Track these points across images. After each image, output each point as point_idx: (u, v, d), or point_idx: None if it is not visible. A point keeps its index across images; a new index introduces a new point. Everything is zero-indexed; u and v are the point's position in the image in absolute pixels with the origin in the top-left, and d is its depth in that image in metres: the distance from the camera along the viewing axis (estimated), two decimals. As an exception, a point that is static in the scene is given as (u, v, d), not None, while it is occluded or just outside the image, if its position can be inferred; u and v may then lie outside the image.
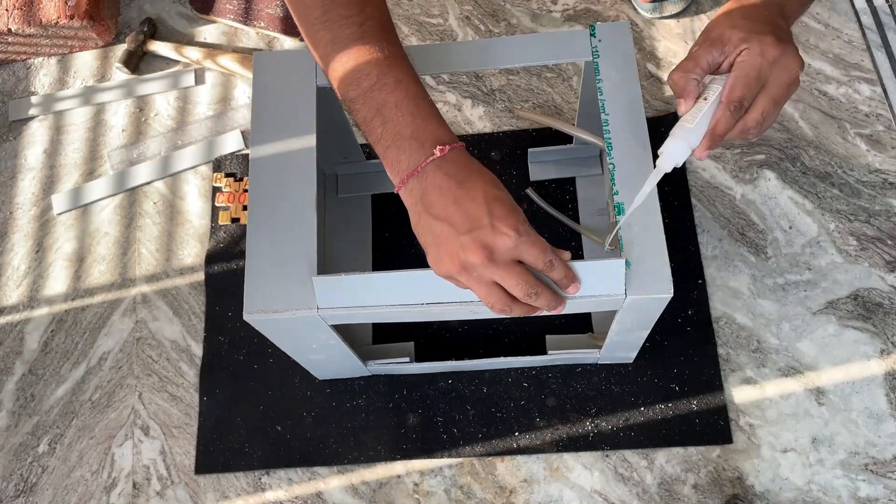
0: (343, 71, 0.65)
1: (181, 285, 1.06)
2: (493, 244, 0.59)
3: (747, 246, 0.99)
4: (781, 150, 1.04)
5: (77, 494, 0.97)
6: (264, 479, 0.95)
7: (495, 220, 0.59)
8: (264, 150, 0.75)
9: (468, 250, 0.59)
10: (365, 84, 0.64)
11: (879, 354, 0.92)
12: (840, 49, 1.09)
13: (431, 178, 0.61)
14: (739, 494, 0.88)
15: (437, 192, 0.61)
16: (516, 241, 0.59)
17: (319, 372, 0.94)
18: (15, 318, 1.07)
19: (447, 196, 0.60)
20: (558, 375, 0.95)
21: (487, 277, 0.61)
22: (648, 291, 0.67)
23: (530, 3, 1.18)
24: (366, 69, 0.64)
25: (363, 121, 0.65)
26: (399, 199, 0.90)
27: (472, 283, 0.62)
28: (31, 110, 1.20)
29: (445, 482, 0.93)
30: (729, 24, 0.64)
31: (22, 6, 1.18)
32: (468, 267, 0.60)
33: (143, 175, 1.13)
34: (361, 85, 0.65)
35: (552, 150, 1.03)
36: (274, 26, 1.20)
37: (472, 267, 0.60)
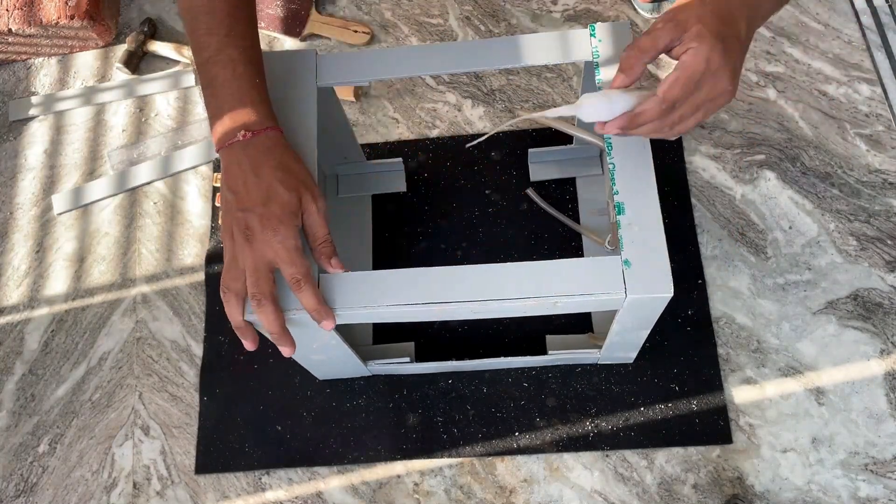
0: (192, 40, 0.72)
1: (181, 285, 1.06)
2: (255, 229, 0.67)
3: (747, 246, 0.99)
4: (781, 150, 1.04)
5: (77, 494, 0.97)
6: (264, 479, 0.95)
7: (266, 211, 0.67)
8: (264, 150, 0.75)
9: (237, 224, 0.68)
10: (204, 55, 0.71)
11: (879, 354, 0.92)
12: (840, 49, 1.09)
13: (235, 156, 0.69)
14: (739, 494, 0.88)
15: (237, 168, 0.69)
16: (273, 238, 0.66)
17: (320, 372, 0.94)
18: (15, 318, 1.07)
19: (241, 175, 0.68)
20: (558, 375, 0.95)
21: (241, 260, 0.67)
22: (648, 291, 0.67)
23: (530, 3, 1.18)
24: (208, 42, 0.71)
25: (201, 86, 0.72)
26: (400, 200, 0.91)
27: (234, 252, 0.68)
28: (32, 110, 1.20)
29: (445, 482, 0.93)
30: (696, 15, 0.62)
31: (22, 6, 1.18)
32: (234, 238, 0.68)
33: (143, 175, 1.13)
34: (202, 55, 0.71)
35: (552, 151, 1.03)
36: (274, 26, 1.20)
37: (235, 240, 0.68)
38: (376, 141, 1.11)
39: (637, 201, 0.70)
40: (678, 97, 0.61)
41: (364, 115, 1.13)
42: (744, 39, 0.62)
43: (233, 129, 0.69)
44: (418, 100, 1.13)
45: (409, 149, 1.09)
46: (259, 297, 0.66)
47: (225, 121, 0.70)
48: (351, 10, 1.21)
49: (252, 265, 0.67)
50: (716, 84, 0.60)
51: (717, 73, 0.60)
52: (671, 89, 0.61)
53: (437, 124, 1.11)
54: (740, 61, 0.62)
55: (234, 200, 0.68)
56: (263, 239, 0.66)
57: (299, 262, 0.67)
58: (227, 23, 0.71)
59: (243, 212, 0.67)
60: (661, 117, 0.62)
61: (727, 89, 0.61)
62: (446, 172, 1.07)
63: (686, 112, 0.62)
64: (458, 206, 1.05)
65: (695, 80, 0.60)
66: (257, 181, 0.68)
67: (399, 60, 0.79)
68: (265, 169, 0.68)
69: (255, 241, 0.66)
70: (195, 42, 0.72)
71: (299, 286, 0.67)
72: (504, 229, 1.02)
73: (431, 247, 1.02)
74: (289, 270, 0.67)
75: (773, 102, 1.07)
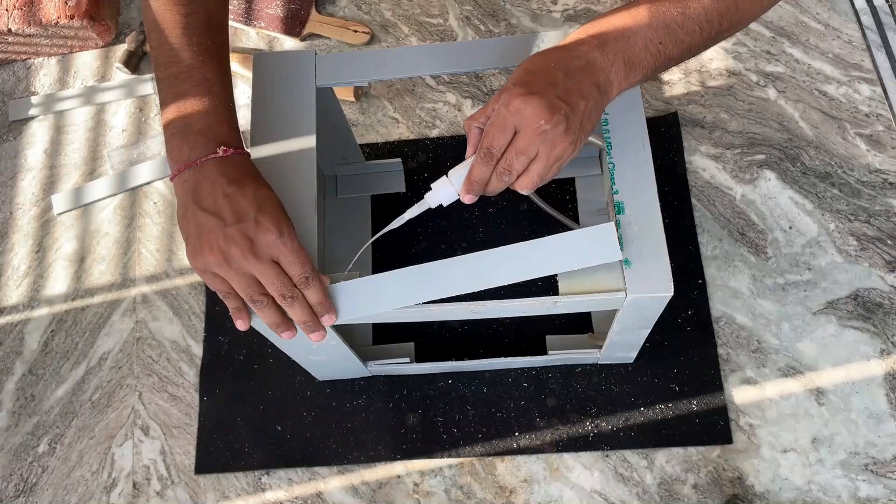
0: (157, 51, 0.69)
1: (181, 285, 1.06)
2: (256, 237, 0.63)
3: (747, 246, 0.99)
4: (781, 150, 1.04)
5: (77, 494, 0.97)
6: (264, 479, 0.95)
7: (261, 215, 0.63)
8: (264, 151, 0.75)
9: (231, 241, 0.63)
10: (173, 69, 0.68)
11: (879, 354, 0.92)
12: (840, 49, 1.09)
13: (207, 173, 0.65)
14: (739, 494, 0.88)
15: (210, 186, 0.64)
16: (277, 240, 0.63)
17: (320, 373, 0.94)
18: (15, 318, 1.07)
19: (218, 190, 0.64)
20: (558, 375, 0.95)
21: (246, 269, 0.64)
22: (649, 290, 0.67)
23: (530, 3, 1.18)
24: (177, 56, 0.68)
25: (162, 102, 0.69)
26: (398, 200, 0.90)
27: (230, 276, 0.64)
28: (32, 110, 1.20)
29: (445, 482, 0.93)
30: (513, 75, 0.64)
31: (22, 6, 1.18)
32: (229, 258, 0.63)
33: (143, 175, 1.13)
34: (170, 69, 0.68)
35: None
36: (274, 26, 1.20)
37: (233, 258, 0.63)
38: (376, 141, 1.11)
39: (637, 201, 0.70)
40: (492, 143, 0.62)
41: (364, 115, 1.13)
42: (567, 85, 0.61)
43: (207, 146, 0.66)
44: (418, 100, 1.13)
45: (409, 149, 1.09)
46: (290, 294, 0.65)
47: (195, 138, 0.66)
48: (351, 10, 1.21)
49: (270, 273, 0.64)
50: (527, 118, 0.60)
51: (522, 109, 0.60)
52: (484, 137, 0.63)
53: (437, 124, 1.11)
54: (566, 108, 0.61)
55: (214, 220, 0.64)
56: (266, 242, 0.64)
57: (305, 259, 0.65)
58: (201, 42, 0.69)
59: (236, 224, 0.64)
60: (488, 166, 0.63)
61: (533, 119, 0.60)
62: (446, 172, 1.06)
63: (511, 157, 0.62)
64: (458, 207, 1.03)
65: (500, 126, 0.62)
66: (242, 191, 0.65)
67: (398, 61, 0.79)
68: (247, 179, 0.66)
69: (259, 250, 0.64)
70: (163, 55, 0.68)
71: (307, 283, 0.66)
72: (504, 229, 1.02)
73: (431, 247, 1.02)
74: (295, 270, 0.65)
75: (773, 102, 1.07)
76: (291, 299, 0.66)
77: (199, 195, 0.65)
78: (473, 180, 0.65)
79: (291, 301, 0.66)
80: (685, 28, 0.64)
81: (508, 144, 0.62)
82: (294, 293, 0.66)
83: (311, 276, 0.66)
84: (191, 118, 0.67)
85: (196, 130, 0.66)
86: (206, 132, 0.66)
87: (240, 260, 0.64)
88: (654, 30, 0.63)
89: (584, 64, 0.63)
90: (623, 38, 0.63)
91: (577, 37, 0.65)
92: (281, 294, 0.65)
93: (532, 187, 0.64)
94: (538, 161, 0.62)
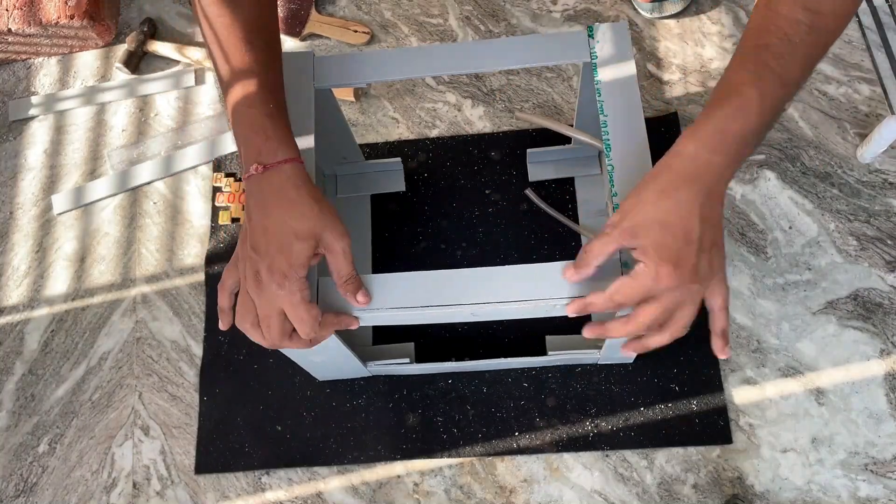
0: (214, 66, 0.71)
1: (181, 285, 1.06)
2: (263, 279, 0.65)
3: (747, 246, 0.99)
4: (781, 150, 1.04)
5: (77, 494, 0.97)
6: (264, 479, 0.95)
7: (273, 265, 0.65)
8: (264, 151, 0.75)
9: (247, 262, 0.66)
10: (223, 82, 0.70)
11: (879, 354, 0.92)
12: (840, 49, 1.09)
13: (252, 188, 0.67)
14: (739, 494, 0.88)
15: (253, 202, 0.67)
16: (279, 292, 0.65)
17: (319, 373, 0.94)
18: (15, 318, 1.07)
19: (256, 210, 0.67)
20: (558, 375, 0.95)
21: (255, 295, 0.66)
22: (648, 292, 0.67)
23: (530, 3, 1.18)
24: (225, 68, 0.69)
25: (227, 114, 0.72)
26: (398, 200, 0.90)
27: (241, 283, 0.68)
28: (32, 110, 1.20)
29: (445, 482, 0.93)
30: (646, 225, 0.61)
31: (22, 6, 1.18)
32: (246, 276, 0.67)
33: (143, 175, 1.13)
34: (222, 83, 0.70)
35: (551, 151, 1.03)
36: (274, 26, 1.20)
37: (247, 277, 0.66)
38: (376, 141, 1.11)
39: None
40: (624, 301, 0.63)
41: (364, 115, 1.13)
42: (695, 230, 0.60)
43: (247, 161, 0.67)
44: (418, 100, 1.13)
45: (408, 149, 1.09)
46: (273, 339, 0.67)
47: (243, 151, 0.68)
48: (351, 10, 1.21)
49: (264, 313, 0.66)
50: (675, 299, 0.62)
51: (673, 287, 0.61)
52: (618, 291, 0.63)
53: (437, 124, 1.11)
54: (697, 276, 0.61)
55: (249, 232, 0.67)
56: (270, 291, 0.65)
57: (306, 316, 0.66)
58: (241, 48, 0.69)
59: (254, 252, 0.66)
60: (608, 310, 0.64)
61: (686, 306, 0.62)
62: (446, 172, 1.07)
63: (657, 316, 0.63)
64: (458, 206, 1.04)
65: (644, 293, 0.62)
66: (267, 225, 0.66)
67: (396, 62, 0.79)
68: (276, 212, 0.66)
69: (264, 290, 0.65)
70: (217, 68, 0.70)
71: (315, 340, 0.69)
72: (504, 229, 1.02)
73: (431, 247, 1.02)
74: (303, 330, 0.67)
75: (773, 102, 1.07)
76: (271, 345, 0.68)
77: (248, 205, 0.68)
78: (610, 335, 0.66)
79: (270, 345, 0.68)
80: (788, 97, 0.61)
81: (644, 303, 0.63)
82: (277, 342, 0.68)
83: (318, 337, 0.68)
84: (240, 130, 0.68)
85: (242, 143, 0.68)
86: (248, 145, 0.68)
87: (251, 288, 0.66)
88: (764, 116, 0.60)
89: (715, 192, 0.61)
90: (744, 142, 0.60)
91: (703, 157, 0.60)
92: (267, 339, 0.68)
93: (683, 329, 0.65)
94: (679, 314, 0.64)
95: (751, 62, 0.60)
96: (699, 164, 0.60)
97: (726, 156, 0.60)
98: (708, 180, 0.60)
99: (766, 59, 0.59)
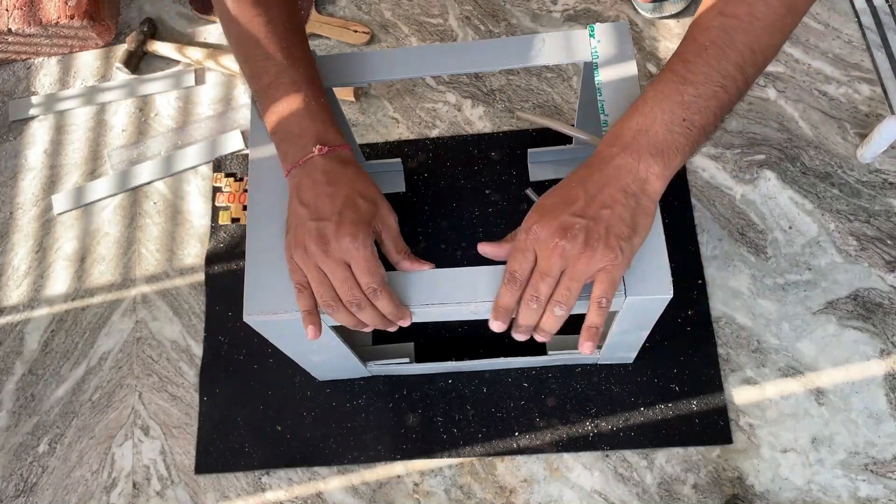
0: (247, 67, 0.72)
1: (181, 285, 1.06)
2: (330, 238, 0.65)
3: (747, 246, 0.99)
4: (781, 150, 1.04)
5: (77, 494, 0.97)
6: (264, 479, 0.95)
7: (342, 219, 0.66)
8: (264, 151, 0.75)
9: (310, 235, 0.66)
10: (265, 80, 0.71)
11: (879, 354, 0.92)
12: (840, 49, 1.09)
13: (309, 171, 0.68)
14: (739, 494, 0.88)
15: (310, 182, 0.68)
16: (351, 245, 0.65)
17: (319, 373, 0.94)
18: (15, 318, 1.07)
19: (316, 187, 0.68)
20: (558, 375, 0.95)
21: (320, 266, 0.66)
22: (648, 292, 0.67)
23: (530, 3, 1.18)
24: (266, 67, 0.71)
25: (262, 113, 0.72)
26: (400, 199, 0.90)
27: (308, 268, 0.67)
28: (32, 110, 1.20)
29: (445, 482, 0.93)
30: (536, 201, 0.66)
31: (22, 6, 1.18)
32: (308, 251, 0.66)
33: (143, 175, 1.13)
34: (262, 81, 0.71)
35: (552, 151, 1.03)
36: (274, 26, 1.20)
37: (311, 252, 0.66)
38: (376, 141, 1.11)
39: None
40: (514, 268, 0.64)
41: (364, 115, 1.13)
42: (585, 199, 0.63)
43: (306, 146, 0.69)
44: (418, 100, 1.13)
45: (409, 149, 1.09)
46: (357, 301, 0.66)
47: (296, 140, 0.69)
48: (351, 10, 1.21)
49: (340, 275, 0.66)
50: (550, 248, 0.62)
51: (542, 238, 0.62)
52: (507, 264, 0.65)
53: (437, 124, 1.11)
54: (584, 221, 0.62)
55: (306, 213, 0.67)
56: (339, 247, 0.65)
57: (375, 269, 0.66)
58: (283, 47, 0.71)
59: (317, 221, 0.66)
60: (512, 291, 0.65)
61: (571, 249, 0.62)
62: (446, 172, 1.07)
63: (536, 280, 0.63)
64: (458, 206, 1.04)
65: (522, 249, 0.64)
66: (333, 190, 0.67)
67: (396, 62, 0.79)
68: (342, 179, 0.68)
69: (332, 250, 0.66)
70: (252, 69, 0.71)
71: (375, 295, 0.67)
72: (504, 229, 1.02)
73: (431, 247, 1.02)
74: (364, 279, 0.66)
75: (773, 102, 1.07)
76: (358, 307, 0.67)
77: (300, 190, 0.68)
78: (500, 306, 0.66)
79: (358, 309, 0.67)
80: (702, 95, 0.63)
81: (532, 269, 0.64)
82: (361, 302, 0.67)
83: (379, 288, 0.67)
84: (288, 123, 0.70)
85: (295, 133, 0.69)
86: (304, 134, 0.69)
87: (316, 255, 0.66)
88: (670, 112, 0.63)
89: (607, 174, 0.63)
90: (641, 133, 0.63)
91: (599, 150, 0.65)
92: (348, 300, 0.67)
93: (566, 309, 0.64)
94: (564, 278, 0.63)
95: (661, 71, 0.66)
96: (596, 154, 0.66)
97: (621, 147, 0.64)
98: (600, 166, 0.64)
99: (672, 65, 0.64)
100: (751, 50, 0.63)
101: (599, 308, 0.64)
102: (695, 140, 0.64)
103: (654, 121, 0.63)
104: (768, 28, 0.63)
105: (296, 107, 0.70)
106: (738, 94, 0.65)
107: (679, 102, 0.63)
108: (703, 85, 0.63)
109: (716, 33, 0.63)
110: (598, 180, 0.63)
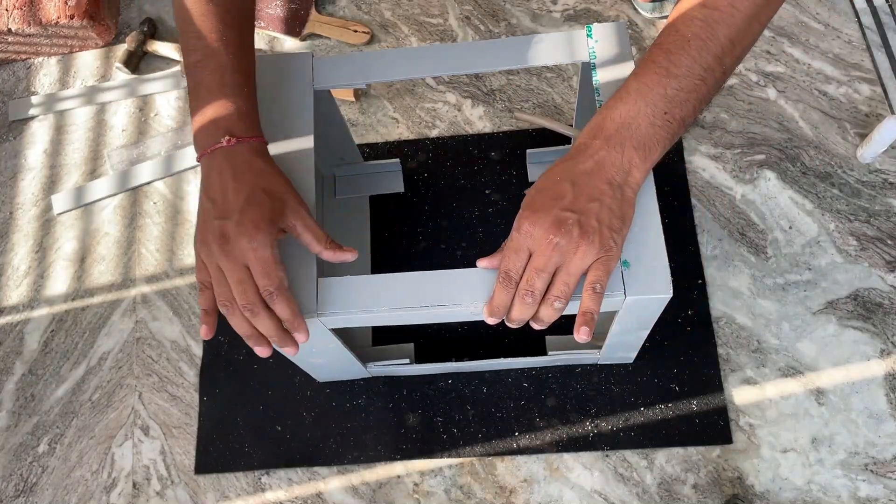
0: (182, 41, 0.71)
1: (181, 285, 1.06)
2: (231, 237, 0.64)
3: (747, 246, 0.99)
4: (781, 150, 1.04)
5: (77, 494, 0.97)
6: (264, 479, 0.95)
7: (243, 218, 0.64)
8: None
9: (213, 233, 0.64)
10: (192, 58, 0.69)
11: (879, 354, 0.92)
12: (840, 49, 1.09)
13: (217, 162, 0.67)
14: (739, 494, 0.88)
15: (217, 175, 0.67)
16: (248, 245, 0.63)
17: (319, 375, 0.94)
18: (15, 318, 1.07)
19: (222, 182, 0.66)
20: (558, 375, 0.95)
21: (217, 264, 0.65)
22: (648, 292, 0.67)
23: (530, 3, 1.18)
24: (196, 45, 0.69)
25: (187, 89, 0.71)
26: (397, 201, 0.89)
27: (210, 266, 0.66)
28: (32, 110, 1.20)
29: (445, 482, 0.93)
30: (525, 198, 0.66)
31: (22, 6, 1.18)
32: (211, 250, 0.65)
33: (143, 175, 1.13)
34: (189, 58, 0.70)
35: (551, 151, 1.03)
36: (274, 26, 1.20)
37: (210, 251, 0.65)
38: (376, 141, 1.11)
39: None
40: (508, 267, 0.64)
41: (364, 115, 1.13)
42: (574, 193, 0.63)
43: (215, 134, 0.67)
44: (418, 100, 1.13)
45: (408, 149, 1.09)
46: (250, 306, 0.64)
47: (208, 126, 0.68)
48: (351, 10, 1.21)
49: (235, 277, 0.64)
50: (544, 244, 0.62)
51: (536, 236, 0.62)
52: (501, 262, 0.65)
53: (436, 124, 1.11)
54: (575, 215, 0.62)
55: (211, 209, 0.66)
56: (238, 246, 0.64)
57: (272, 272, 0.65)
58: (218, 29, 0.69)
59: (220, 219, 0.65)
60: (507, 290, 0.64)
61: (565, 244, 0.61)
62: (446, 172, 1.07)
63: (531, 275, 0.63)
64: (458, 206, 1.04)
65: (515, 247, 0.63)
66: (237, 187, 0.65)
67: (396, 62, 0.79)
68: (247, 175, 0.66)
69: (232, 249, 0.64)
70: (184, 45, 0.70)
71: (272, 298, 0.65)
72: (504, 229, 1.02)
73: (431, 247, 1.02)
74: (261, 282, 0.64)
75: (773, 102, 1.07)
76: (251, 313, 0.65)
77: (208, 184, 0.67)
78: (495, 305, 0.65)
79: (252, 315, 0.65)
80: (684, 88, 0.63)
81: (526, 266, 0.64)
82: (254, 307, 0.64)
83: (276, 292, 0.65)
84: (205, 106, 0.68)
85: (208, 119, 0.68)
86: (216, 122, 0.68)
87: (216, 254, 0.64)
88: (654, 105, 0.63)
89: (592, 166, 0.63)
90: (624, 126, 0.63)
91: (581, 141, 0.65)
92: (242, 304, 0.65)
93: (562, 304, 0.64)
94: (560, 273, 0.63)
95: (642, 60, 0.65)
96: (578, 146, 0.65)
97: (604, 139, 0.64)
98: (585, 159, 0.64)
99: (655, 56, 0.64)
100: (731, 42, 0.63)
101: (594, 293, 0.63)
102: (674, 132, 0.64)
103: (638, 113, 0.63)
104: (748, 19, 0.63)
105: (215, 92, 0.68)
106: (716, 86, 0.65)
107: (662, 96, 0.63)
108: (685, 78, 0.63)
109: (699, 25, 0.63)
110: (584, 173, 0.63)
